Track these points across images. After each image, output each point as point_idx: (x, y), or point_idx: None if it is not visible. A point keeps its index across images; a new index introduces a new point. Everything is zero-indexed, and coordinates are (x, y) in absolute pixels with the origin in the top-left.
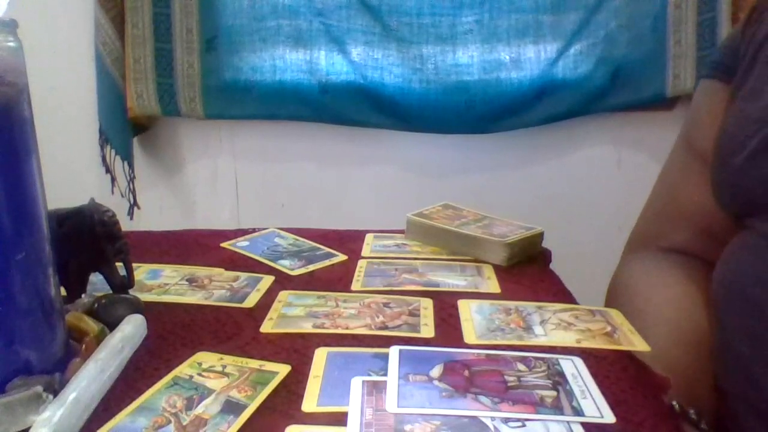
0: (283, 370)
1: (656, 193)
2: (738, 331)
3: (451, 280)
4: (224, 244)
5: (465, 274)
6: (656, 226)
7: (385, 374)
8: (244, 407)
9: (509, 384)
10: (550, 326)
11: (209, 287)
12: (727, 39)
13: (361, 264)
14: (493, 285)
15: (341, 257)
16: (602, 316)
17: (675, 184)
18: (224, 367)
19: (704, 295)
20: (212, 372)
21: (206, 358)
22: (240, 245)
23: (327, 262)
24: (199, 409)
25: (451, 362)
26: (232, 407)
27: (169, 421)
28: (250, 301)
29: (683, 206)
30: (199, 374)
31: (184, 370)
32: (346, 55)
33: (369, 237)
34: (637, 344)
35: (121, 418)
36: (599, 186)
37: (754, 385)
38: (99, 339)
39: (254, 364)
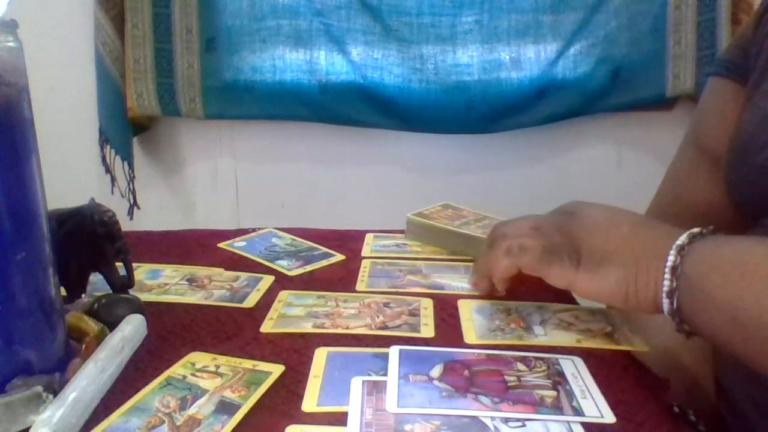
0: (276, 370)
1: (662, 190)
2: None
3: (456, 283)
4: (221, 245)
5: (469, 275)
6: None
7: (385, 374)
8: (238, 407)
9: (509, 384)
10: (550, 326)
11: (209, 287)
12: (736, 39)
13: (365, 264)
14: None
15: (339, 257)
16: (602, 316)
17: (681, 181)
18: (218, 367)
19: None
20: (206, 372)
21: (199, 359)
22: (237, 245)
23: (324, 262)
24: (192, 410)
25: (451, 362)
26: (225, 407)
27: (163, 422)
28: (250, 301)
29: (689, 203)
30: (193, 374)
31: (177, 370)
32: (345, 55)
33: (369, 237)
34: (637, 344)
35: (114, 418)
36: (599, 186)
37: (756, 379)
38: (99, 339)
39: (248, 364)
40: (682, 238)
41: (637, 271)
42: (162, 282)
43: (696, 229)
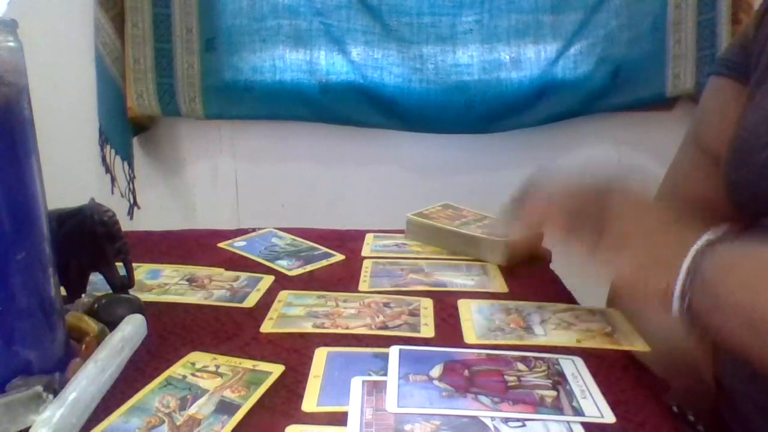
0: (276, 370)
1: (662, 190)
2: None
3: (459, 280)
4: (221, 244)
5: (471, 274)
6: None
7: (385, 374)
8: (238, 407)
9: (509, 384)
10: (550, 326)
11: (209, 287)
12: (737, 38)
13: (367, 264)
14: (500, 284)
15: (339, 257)
16: (602, 316)
17: (681, 181)
18: (218, 367)
19: None
20: (206, 372)
21: (199, 358)
22: (237, 245)
23: (324, 262)
24: (192, 409)
25: (451, 362)
26: (225, 407)
27: (163, 422)
28: (250, 301)
29: (688, 202)
30: (193, 374)
31: (177, 370)
32: (346, 55)
33: (369, 237)
34: (637, 344)
35: (114, 418)
36: None
37: (756, 379)
38: (99, 339)
39: (248, 364)
40: (702, 240)
41: (653, 267)
42: (162, 282)
43: (713, 234)
